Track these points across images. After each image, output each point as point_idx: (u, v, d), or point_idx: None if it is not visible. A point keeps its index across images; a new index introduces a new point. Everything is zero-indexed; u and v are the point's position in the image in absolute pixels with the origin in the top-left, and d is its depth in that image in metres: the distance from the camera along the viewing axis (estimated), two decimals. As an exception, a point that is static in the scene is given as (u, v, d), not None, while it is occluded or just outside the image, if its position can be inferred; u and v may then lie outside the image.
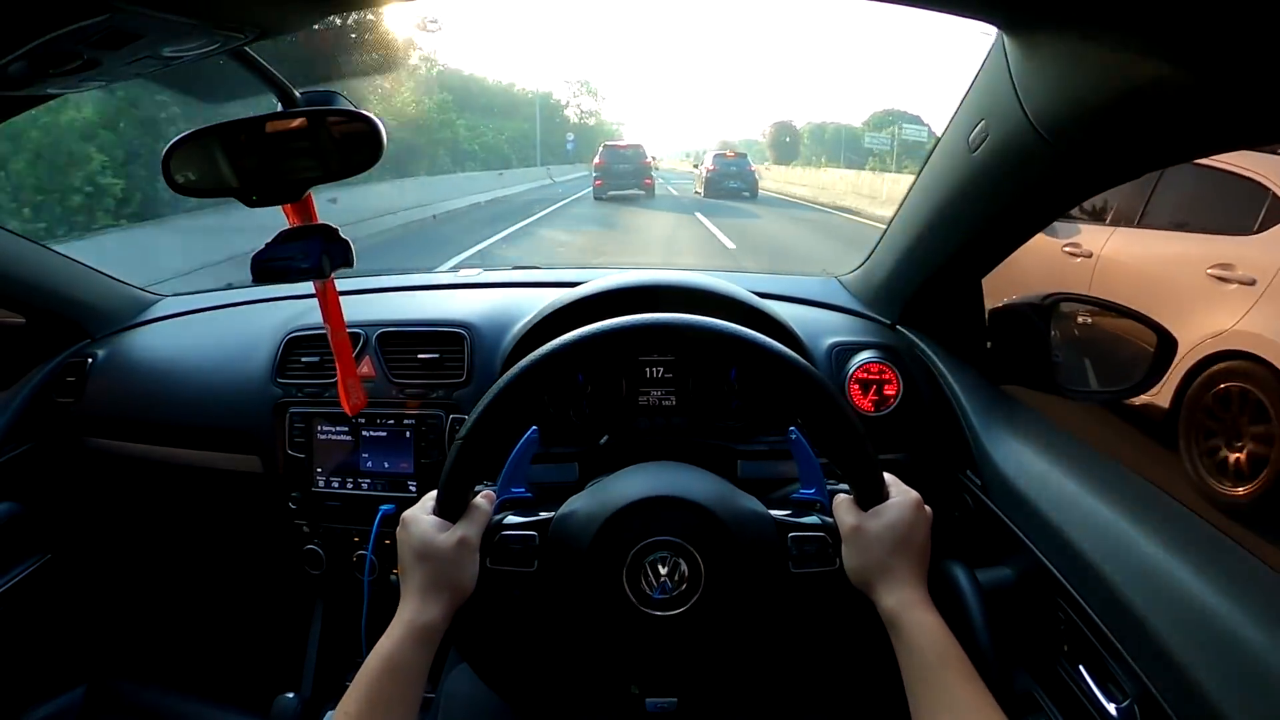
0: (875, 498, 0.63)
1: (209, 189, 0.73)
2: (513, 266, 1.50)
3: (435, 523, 0.62)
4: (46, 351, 1.26)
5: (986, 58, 0.69)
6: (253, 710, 1.17)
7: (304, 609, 1.22)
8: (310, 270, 0.74)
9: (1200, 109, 0.48)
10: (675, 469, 0.69)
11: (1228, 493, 2.60)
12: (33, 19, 0.43)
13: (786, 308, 1.10)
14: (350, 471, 1.06)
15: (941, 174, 0.86)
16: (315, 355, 1.10)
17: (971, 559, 0.78)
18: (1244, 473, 2.59)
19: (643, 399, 1.05)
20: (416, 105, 15.01)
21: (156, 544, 1.34)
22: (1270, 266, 2.53)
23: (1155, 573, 0.60)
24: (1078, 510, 0.71)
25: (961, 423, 0.94)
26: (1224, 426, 2.67)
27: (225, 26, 0.51)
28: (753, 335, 0.64)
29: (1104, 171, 0.66)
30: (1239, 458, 2.62)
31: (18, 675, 1.19)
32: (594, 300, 1.02)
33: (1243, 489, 2.57)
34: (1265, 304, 2.53)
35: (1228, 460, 2.65)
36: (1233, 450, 2.65)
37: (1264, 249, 2.59)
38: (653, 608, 0.61)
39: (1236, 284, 2.64)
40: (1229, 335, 2.61)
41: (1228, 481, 2.63)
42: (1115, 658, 0.61)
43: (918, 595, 0.60)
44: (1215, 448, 2.70)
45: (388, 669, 0.56)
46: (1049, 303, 0.94)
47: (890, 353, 1.02)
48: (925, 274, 1.00)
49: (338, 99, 0.69)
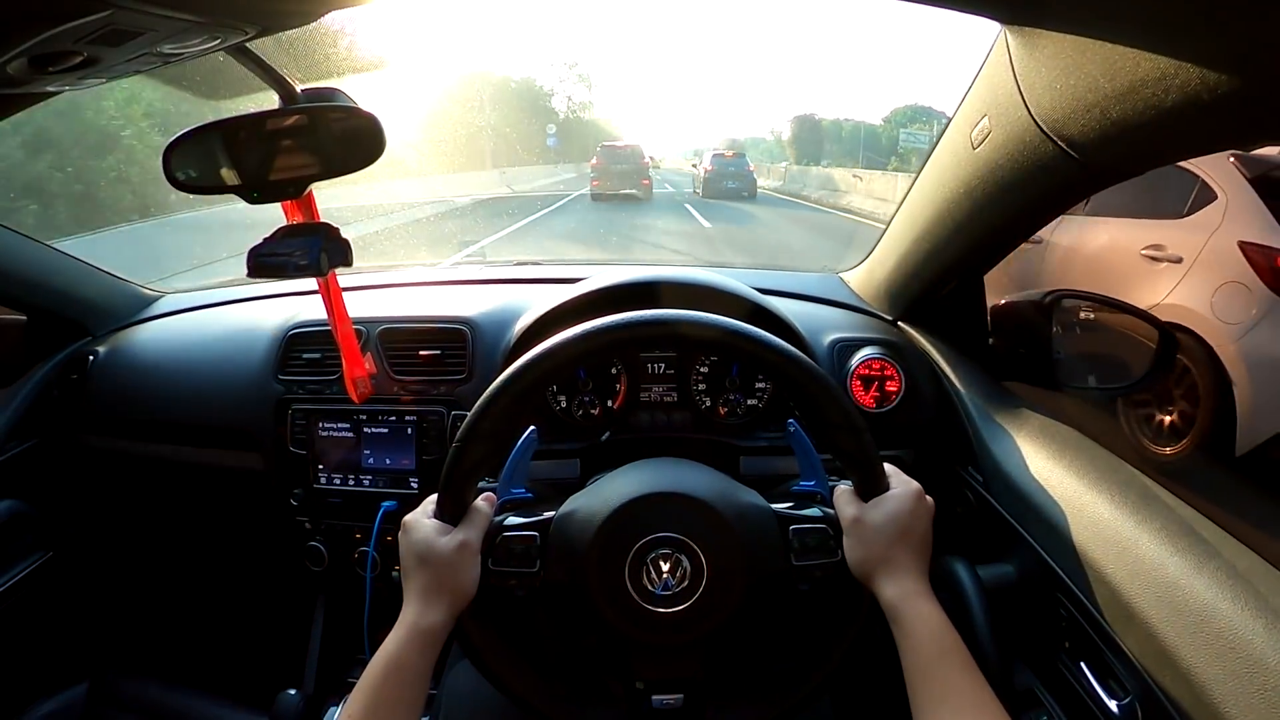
0: (876, 489, 0.63)
1: (210, 186, 0.73)
2: (515, 263, 1.49)
3: (436, 526, 0.62)
4: (48, 349, 1.26)
5: (989, 53, 0.69)
6: (255, 706, 1.18)
7: (306, 605, 1.22)
8: (308, 268, 0.74)
9: (1204, 106, 0.48)
10: (676, 465, 0.70)
11: (1158, 452, 2.83)
12: (33, 16, 0.42)
13: (788, 304, 1.10)
14: (352, 468, 1.06)
15: (944, 170, 0.86)
16: (317, 352, 1.10)
17: (973, 555, 0.78)
18: (1173, 433, 2.82)
19: (644, 395, 1.05)
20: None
21: (158, 541, 1.34)
22: (1195, 245, 2.78)
23: (1157, 569, 0.60)
24: (1079, 506, 0.71)
25: (963, 419, 0.94)
26: (1155, 391, 2.86)
27: (225, 24, 0.51)
28: (753, 331, 0.64)
29: (1107, 168, 0.66)
30: (1168, 419, 2.85)
31: (21, 671, 1.20)
32: (595, 297, 1.01)
33: (1169, 448, 2.81)
34: (1190, 279, 2.77)
35: (1159, 422, 2.87)
36: (1163, 413, 2.86)
37: (1191, 230, 2.83)
38: (656, 604, 0.61)
39: (1166, 262, 2.88)
40: (1159, 309, 2.74)
41: (1160, 441, 2.86)
42: (1116, 654, 0.61)
43: (919, 586, 0.60)
44: (1148, 410, 2.91)
45: (390, 671, 0.56)
46: (1050, 299, 0.94)
47: (892, 349, 1.02)
48: (927, 270, 1.00)
49: (338, 96, 0.69)
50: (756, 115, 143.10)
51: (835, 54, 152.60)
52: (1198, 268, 2.74)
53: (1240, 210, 2.69)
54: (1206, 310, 2.65)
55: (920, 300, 1.05)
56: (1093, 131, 0.59)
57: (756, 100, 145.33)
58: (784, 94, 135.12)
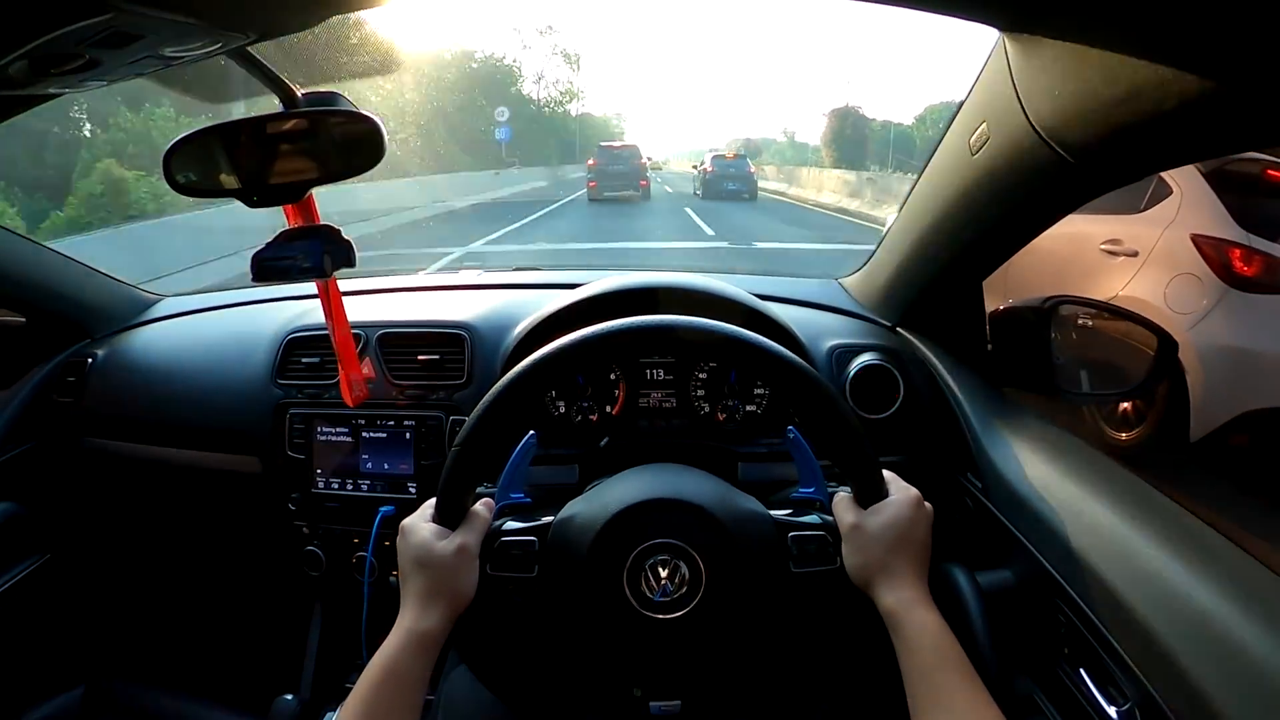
0: (875, 495, 0.63)
1: (210, 189, 0.73)
2: (514, 268, 1.50)
3: (434, 530, 0.62)
4: (47, 351, 1.26)
5: (987, 60, 0.69)
6: (252, 712, 1.17)
7: (303, 610, 1.22)
8: (311, 270, 0.74)
9: (1201, 112, 0.48)
10: (674, 471, 0.69)
11: (1115, 437, 2.96)
12: (34, 19, 0.43)
13: (787, 310, 1.10)
14: (350, 473, 1.06)
15: (942, 177, 0.86)
16: (316, 356, 1.10)
17: (972, 561, 0.78)
18: (1130, 420, 2.93)
19: (643, 401, 1.05)
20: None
21: (156, 544, 1.34)
22: (1151, 239, 2.86)
23: (1156, 575, 0.59)
24: (1078, 513, 0.70)
25: (962, 425, 0.94)
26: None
27: (227, 27, 0.51)
28: (752, 337, 0.64)
29: (1105, 174, 0.66)
30: (1126, 408, 2.94)
31: (16, 675, 1.19)
32: (594, 302, 1.02)
33: (1125, 434, 2.94)
34: (1145, 272, 2.85)
35: (1117, 409, 2.97)
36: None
37: (1147, 225, 2.92)
38: (654, 610, 0.61)
39: (1123, 256, 2.97)
40: (1116, 299, 2.80)
41: (1119, 428, 2.97)
42: (1116, 661, 0.61)
43: (918, 594, 0.59)
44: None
45: (388, 676, 0.56)
46: (1049, 305, 0.94)
47: (891, 355, 1.02)
48: (926, 276, 1.00)
49: (339, 100, 0.70)
50: (768, 116, 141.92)
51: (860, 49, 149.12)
52: (1153, 261, 2.83)
53: (1195, 204, 2.76)
54: (1160, 301, 2.72)
55: (919, 306, 1.05)
56: (1090, 138, 0.59)
57: (768, 100, 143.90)
58: (794, 95, 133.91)
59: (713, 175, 17.02)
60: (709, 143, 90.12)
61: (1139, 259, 2.88)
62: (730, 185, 16.75)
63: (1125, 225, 3.00)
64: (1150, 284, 2.79)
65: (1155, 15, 0.45)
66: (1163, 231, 2.81)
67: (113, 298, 1.32)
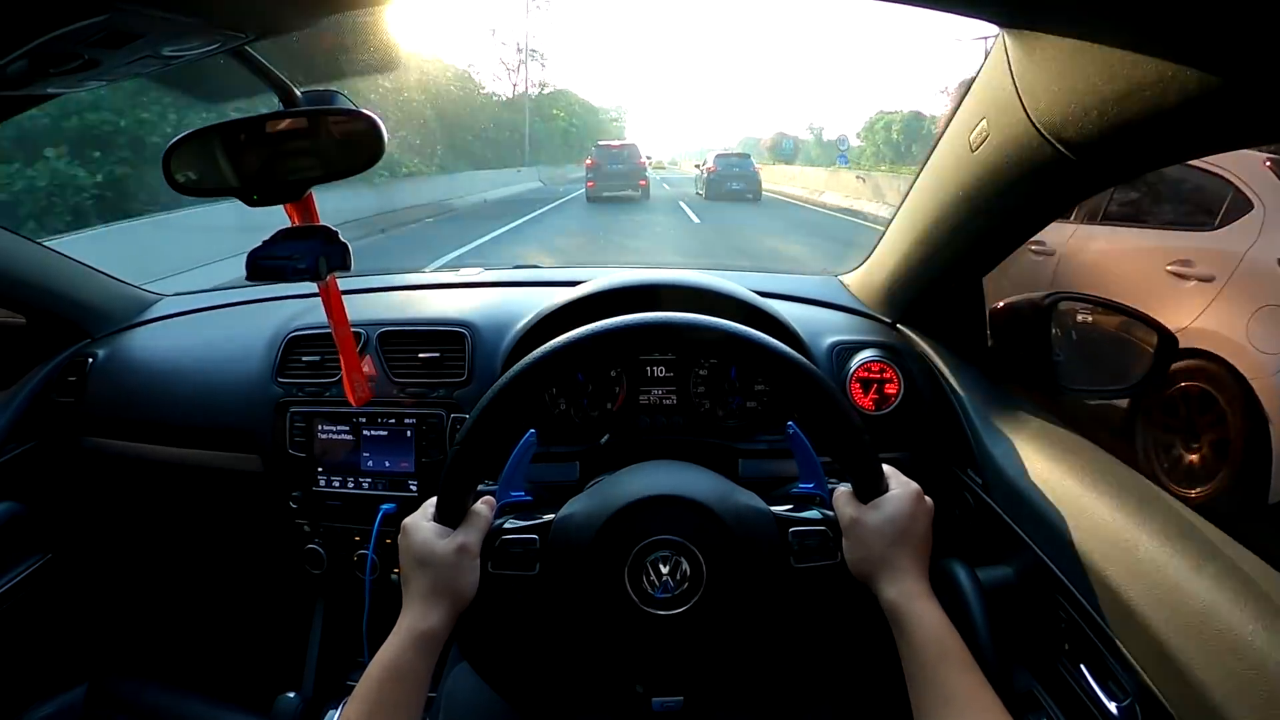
0: (875, 490, 0.63)
1: (210, 188, 0.73)
2: (514, 266, 1.50)
3: (435, 529, 0.62)
4: (47, 351, 1.26)
5: (987, 56, 0.69)
6: (254, 709, 1.18)
7: (305, 608, 1.22)
8: (306, 272, 0.74)
9: (1202, 108, 0.48)
10: (675, 468, 0.70)
11: (1180, 494, 2.49)
12: (33, 19, 0.43)
13: (787, 307, 1.10)
14: (351, 471, 1.06)
15: (942, 173, 0.86)
16: (316, 354, 1.10)
17: (972, 557, 0.78)
18: (1198, 474, 2.53)
19: (643, 398, 1.05)
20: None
21: (157, 543, 1.34)
22: (1229, 262, 2.47)
23: (1156, 571, 0.60)
24: (1078, 509, 0.71)
25: (962, 421, 0.94)
26: (1181, 426, 2.61)
27: (225, 26, 0.51)
28: (752, 334, 0.64)
29: (1105, 171, 0.66)
30: (1193, 459, 2.56)
31: (19, 674, 1.19)
32: (594, 299, 1.02)
33: (1194, 491, 2.51)
34: (1223, 300, 2.46)
35: (1183, 460, 2.59)
36: (1189, 451, 2.60)
37: (1224, 245, 2.52)
38: (655, 607, 0.61)
39: (1195, 280, 2.57)
40: (1187, 333, 2.53)
41: (1183, 483, 2.56)
42: (1116, 656, 0.61)
43: (919, 587, 0.60)
44: (1171, 446, 2.65)
45: (389, 675, 0.56)
46: (1049, 302, 0.94)
47: (891, 351, 1.02)
48: (926, 273, 1.00)
49: (338, 98, 0.69)
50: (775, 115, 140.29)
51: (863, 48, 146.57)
52: (1231, 287, 2.44)
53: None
54: (1241, 337, 2.36)
55: (919, 303, 1.06)
56: (1090, 134, 0.59)
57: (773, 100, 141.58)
58: (800, 95, 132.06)
59: (715, 175, 16.99)
60: (723, 142, 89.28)
61: (1214, 285, 2.48)
62: (734, 185, 16.72)
63: (1196, 244, 2.61)
64: (1229, 316, 2.41)
65: (1155, 10, 0.45)
66: (1244, 254, 2.42)
67: (113, 297, 1.32)
